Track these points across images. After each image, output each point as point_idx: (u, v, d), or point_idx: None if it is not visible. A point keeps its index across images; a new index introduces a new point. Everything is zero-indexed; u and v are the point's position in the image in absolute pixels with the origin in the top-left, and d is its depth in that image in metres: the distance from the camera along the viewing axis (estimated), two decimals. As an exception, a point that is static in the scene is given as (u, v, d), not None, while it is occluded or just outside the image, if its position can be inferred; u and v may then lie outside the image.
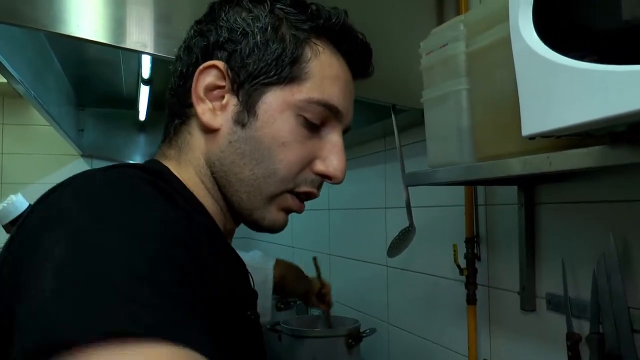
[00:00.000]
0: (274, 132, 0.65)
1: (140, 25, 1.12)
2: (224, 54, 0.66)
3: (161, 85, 2.74)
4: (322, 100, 0.66)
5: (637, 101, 0.50)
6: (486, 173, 0.88)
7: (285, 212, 0.71)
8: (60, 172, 4.22)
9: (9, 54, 1.40)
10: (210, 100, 0.67)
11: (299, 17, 0.66)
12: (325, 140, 0.69)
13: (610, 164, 0.65)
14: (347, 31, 0.70)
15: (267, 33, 0.65)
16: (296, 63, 0.65)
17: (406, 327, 1.76)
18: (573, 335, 1.05)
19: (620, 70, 0.52)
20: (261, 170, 0.65)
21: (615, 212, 1.01)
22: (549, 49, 0.61)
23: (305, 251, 2.77)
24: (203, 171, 0.68)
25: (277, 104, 0.65)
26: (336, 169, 0.69)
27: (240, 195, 0.67)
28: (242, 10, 0.67)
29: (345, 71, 0.70)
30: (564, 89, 0.59)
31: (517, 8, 0.64)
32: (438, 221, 1.56)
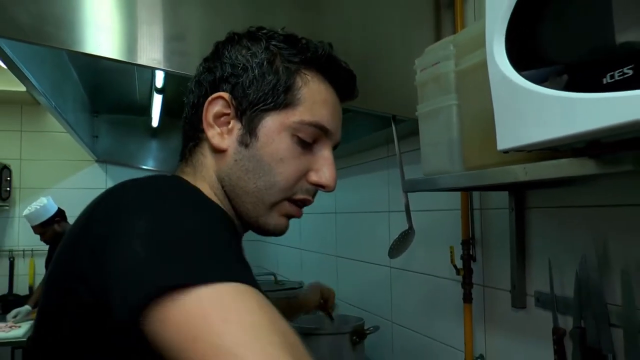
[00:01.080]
0: (273, 150, 0.76)
1: (153, 43, 1.21)
2: (228, 86, 0.77)
3: (173, 94, 2.83)
4: (313, 122, 0.77)
5: (590, 123, 0.59)
6: (472, 181, 0.98)
7: (286, 217, 0.81)
8: (76, 177, 4.35)
9: (31, 67, 1.49)
10: (218, 125, 0.77)
11: (290, 52, 0.77)
12: (318, 155, 0.80)
13: (575, 175, 0.73)
14: (331, 61, 0.80)
15: (264, 67, 0.76)
16: (289, 91, 0.76)
17: (408, 324, 1.85)
18: (558, 330, 1.14)
19: (573, 97, 0.60)
20: (263, 183, 0.76)
21: (596, 216, 1.10)
22: (518, 75, 0.70)
23: (312, 253, 2.86)
24: (215, 185, 0.79)
25: (275, 127, 0.76)
26: (328, 179, 0.79)
27: (247, 205, 0.78)
28: (242, 48, 0.78)
29: (333, 95, 0.80)
30: (530, 111, 0.68)
31: (492, 37, 0.73)
32: (436, 224, 1.65)
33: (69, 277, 0.62)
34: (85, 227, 0.64)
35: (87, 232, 0.63)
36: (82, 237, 0.64)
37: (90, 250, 0.60)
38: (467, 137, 1.02)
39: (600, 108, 0.57)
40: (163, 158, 4.26)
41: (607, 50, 0.57)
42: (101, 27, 1.16)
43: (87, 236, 0.63)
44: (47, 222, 3.47)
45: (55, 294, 0.66)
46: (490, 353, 1.42)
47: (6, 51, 1.21)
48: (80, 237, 0.64)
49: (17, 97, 4.03)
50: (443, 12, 1.55)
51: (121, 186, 0.68)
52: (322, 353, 1.71)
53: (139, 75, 2.91)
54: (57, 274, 0.66)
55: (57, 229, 3.50)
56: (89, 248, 0.61)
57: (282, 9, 1.35)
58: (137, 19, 1.20)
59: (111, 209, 0.64)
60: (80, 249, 0.62)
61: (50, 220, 3.47)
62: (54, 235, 3.50)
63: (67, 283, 0.62)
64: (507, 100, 0.72)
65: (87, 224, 0.65)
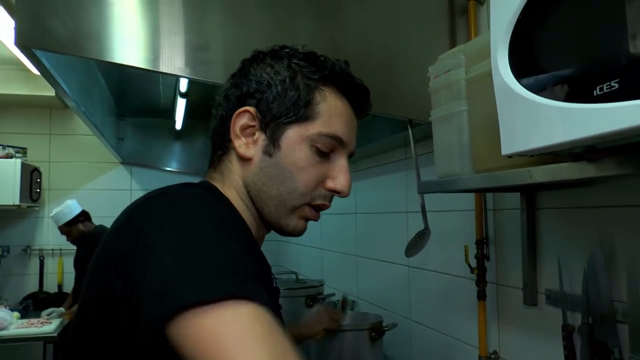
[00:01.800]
0: (294, 159, 0.83)
1: (177, 52, 1.28)
2: (254, 101, 0.84)
3: (197, 98, 2.91)
4: (330, 134, 0.84)
5: (582, 131, 0.64)
6: (482, 183, 1.03)
7: (305, 220, 0.88)
8: (102, 178, 4.46)
9: (63, 74, 1.56)
10: (244, 136, 0.85)
11: (310, 69, 0.84)
12: (334, 164, 0.87)
13: (574, 178, 0.79)
14: (347, 78, 0.87)
15: (286, 84, 0.83)
16: (309, 105, 0.83)
17: (425, 321, 1.90)
18: (567, 326, 1.18)
19: (567, 107, 0.66)
20: (284, 188, 0.83)
21: (603, 217, 1.14)
22: (519, 84, 0.75)
23: (333, 253, 2.92)
24: (242, 190, 0.86)
25: (296, 138, 0.83)
26: (343, 185, 0.86)
27: (270, 208, 0.85)
28: (267, 66, 0.85)
29: (348, 109, 0.87)
30: (530, 119, 0.73)
31: (496, 48, 0.79)
32: (451, 224, 1.70)
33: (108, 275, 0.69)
34: (120, 233, 0.72)
35: (118, 240, 0.71)
36: (114, 244, 0.71)
37: (122, 259, 0.67)
38: (476, 142, 1.07)
39: (592, 118, 0.62)
40: (186, 160, 4.35)
41: (596, 65, 0.62)
42: (128, 38, 1.24)
43: (119, 245, 0.70)
44: (72, 222, 3.59)
45: (94, 291, 0.73)
46: (503, 349, 1.46)
47: (43, 61, 1.29)
48: (114, 243, 0.72)
49: (46, 102, 4.16)
50: (457, 19, 1.59)
51: (155, 197, 0.75)
52: (341, 349, 1.76)
53: (163, 80, 2.99)
54: (97, 272, 0.73)
55: (81, 228, 3.62)
56: (122, 256, 0.68)
57: (304, 20, 1.41)
58: (161, 30, 1.27)
59: (141, 219, 0.71)
60: (113, 255, 0.70)
61: (74, 220, 3.59)
62: (80, 235, 3.63)
63: (105, 281, 0.69)
64: (509, 108, 0.77)
65: (121, 230, 0.72)
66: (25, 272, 4.28)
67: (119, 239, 0.71)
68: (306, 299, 2.24)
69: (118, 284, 0.66)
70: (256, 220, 0.88)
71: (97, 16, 1.20)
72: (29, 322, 3.34)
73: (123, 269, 0.66)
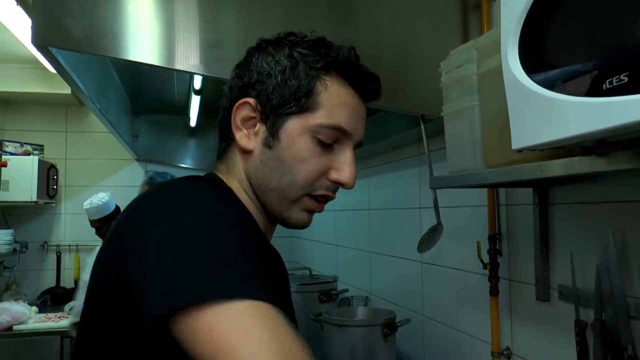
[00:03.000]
0: (294, 151, 0.81)
1: (191, 49, 1.29)
2: (254, 92, 0.83)
3: (211, 95, 2.93)
4: (332, 124, 0.81)
5: (591, 125, 0.64)
6: (493, 178, 1.03)
7: (308, 212, 0.87)
8: (117, 175, 4.50)
9: (79, 72, 1.58)
10: (245, 128, 0.84)
11: (312, 58, 0.82)
12: (338, 155, 0.85)
13: (585, 172, 0.78)
14: (351, 65, 0.84)
15: (286, 73, 0.81)
16: (310, 96, 0.81)
17: (437, 317, 1.90)
18: (580, 322, 1.18)
19: (578, 101, 0.66)
20: (285, 181, 0.82)
21: (616, 211, 1.13)
22: (529, 79, 0.75)
23: (347, 249, 2.93)
24: (245, 182, 0.86)
25: (296, 129, 0.81)
26: (347, 177, 0.84)
27: (272, 200, 0.84)
28: (268, 55, 0.83)
29: (353, 97, 0.85)
30: (540, 113, 0.73)
31: (506, 43, 0.79)
32: (464, 220, 1.70)
33: (110, 271, 0.70)
34: (123, 230, 0.72)
35: (120, 237, 0.71)
36: (117, 240, 0.72)
37: (124, 256, 0.68)
38: (487, 136, 1.07)
39: (602, 111, 0.62)
40: (201, 156, 4.37)
41: (605, 59, 0.62)
42: (142, 36, 1.25)
43: (120, 242, 0.71)
44: (106, 218, 3.57)
45: (97, 286, 0.74)
46: (516, 345, 1.46)
47: (59, 60, 1.31)
48: (116, 240, 0.72)
49: (62, 99, 4.20)
50: (470, 14, 1.59)
51: (156, 194, 0.75)
52: (354, 344, 1.77)
53: (177, 77, 3.01)
54: (100, 268, 0.75)
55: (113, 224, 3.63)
56: (124, 253, 0.68)
57: (317, 17, 1.41)
58: (176, 28, 1.28)
59: (141, 216, 0.71)
60: (116, 252, 0.71)
61: (109, 217, 3.58)
62: None
63: (108, 277, 0.71)
64: (519, 103, 0.77)
65: (124, 227, 0.72)
66: (42, 268, 4.34)
67: (121, 236, 0.71)
68: (319, 295, 2.25)
69: (120, 280, 0.67)
70: (261, 213, 0.87)
71: (112, 14, 1.21)
72: (47, 317, 3.40)
73: (124, 266, 0.67)
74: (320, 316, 1.92)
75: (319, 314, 1.96)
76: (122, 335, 0.69)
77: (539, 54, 0.74)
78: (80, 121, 4.48)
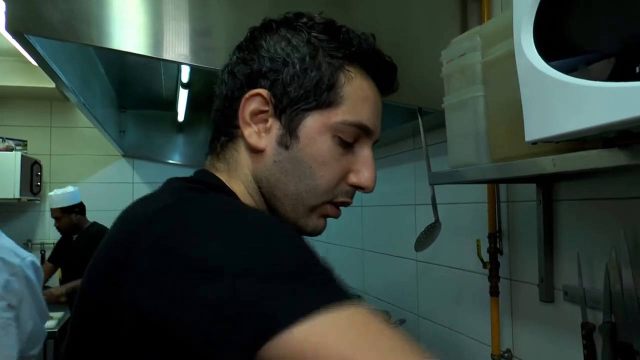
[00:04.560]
0: (314, 152, 0.71)
1: (179, 38, 1.22)
2: (267, 82, 0.72)
3: (199, 88, 2.86)
4: (356, 122, 0.72)
5: (621, 112, 0.58)
6: (499, 173, 0.97)
7: (324, 218, 0.78)
8: (104, 171, 4.42)
9: (61, 64, 1.51)
10: (255, 123, 0.73)
11: (333, 45, 0.72)
12: (358, 155, 0.76)
13: (605, 166, 0.72)
14: (376, 56, 0.75)
15: (306, 62, 0.70)
16: (332, 89, 0.70)
17: (434, 318, 1.84)
18: (587, 324, 1.12)
19: (605, 86, 0.60)
20: (303, 186, 0.72)
21: (627, 208, 1.08)
22: (547, 65, 0.69)
23: (339, 247, 2.87)
24: (251, 186, 0.75)
25: (317, 127, 0.71)
26: (368, 179, 0.76)
27: (286, 207, 0.74)
28: (282, 39, 0.72)
29: (374, 91, 0.76)
30: (560, 101, 0.67)
31: (520, 28, 0.73)
32: (463, 217, 1.64)
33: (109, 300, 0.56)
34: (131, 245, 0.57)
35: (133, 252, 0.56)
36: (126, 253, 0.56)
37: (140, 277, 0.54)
38: (493, 129, 1.01)
39: (633, 97, 0.56)
40: (189, 152, 4.31)
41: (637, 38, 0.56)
42: (128, 23, 1.18)
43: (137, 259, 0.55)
44: (67, 209, 3.55)
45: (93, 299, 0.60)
46: (517, 348, 1.41)
47: (37, 49, 1.23)
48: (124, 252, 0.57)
49: (46, 94, 4.11)
50: (469, 4, 1.53)
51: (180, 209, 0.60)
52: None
53: (165, 70, 2.94)
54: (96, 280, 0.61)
55: (73, 219, 3.57)
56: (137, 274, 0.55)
57: (310, 4, 1.34)
58: (163, 15, 1.22)
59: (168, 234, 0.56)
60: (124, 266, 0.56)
61: (69, 209, 3.55)
62: (69, 225, 3.58)
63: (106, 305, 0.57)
64: (535, 91, 0.71)
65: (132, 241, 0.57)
66: (26, 266, 4.24)
67: (138, 253, 0.56)
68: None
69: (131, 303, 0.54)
70: None
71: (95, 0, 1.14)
72: (30, 317, 3.30)
73: (141, 289, 0.53)
74: (313, 317, 1.86)
75: (312, 314, 1.89)
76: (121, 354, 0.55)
77: (558, 36, 0.68)
78: (65, 116, 4.39)
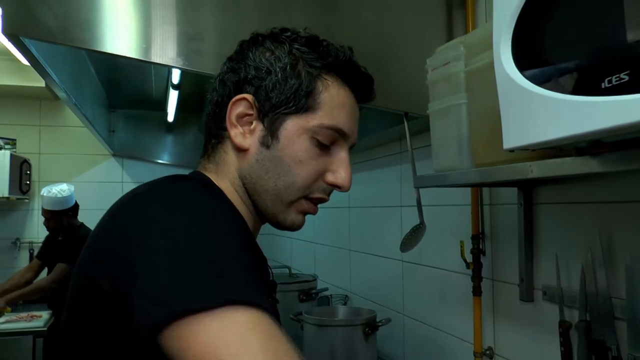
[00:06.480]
0: (293, 152, 0.79)
1: (169, 42, 1.25)
2: (252, 88, 0.79)
3: (189, 90, 2.89)
4: (332, 126, 0.80)
5: (589, 125, 0.63)
6: (481, 178, 1.01)
7: (303, 214, 0.85)
8: (93, 170, 4.43)
9: (52, 64, 1.53)
10: (241, 125, 0.81)
11: (312, 56, 0.79)
12: (335, 157, 0.83)
13: (579, 173, 0.77)
14: (351, 66, 0.83)
15: (287, 71, 0.78)
16: (310, 95, 0.78)
17: (419, 317, 1.89)
18: (564, 323, 1.17)
19: (573, 99, 0.64)
20: (282, 182, 0.79)
21: (602, 212, 1.12)
22: (523, 77, 0.73)
23: (326, 247, 2.90)
24: (237, 182, 0.82)
25: (295, 130, 0.79)
26: (343, 179, 0.83)
27: (266, 202, 0.81)
28: (266, 50, 0.80)
29: (351, 98, 0.83)
30: (534, 112, 0.71)
31: (499, 40, 0.77)
32: (447, 219, 1.68)
33: (95, 277, 0.66)
34: (111, 233, 0.68)
35: (105, 241, 0.67)
36: (101, 245, 0.68)
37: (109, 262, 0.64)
38: (476, 135, 1.06)
39: (600, 111, 0.60)
40: (178, 152, 4.33)
41: (605, 56, 0.60)
42: (119, 27, 1.21)
43: (106, 246, 0.67)
44: (59, 213, 3.44)
45: (81, 292, 0.70)
46: (498, 345, 1.45)
47: (31, 50, 1.26)
48: (101, 244, 0.68)
49: (35, 93, 4.11)
50: (455, 12, 1.57)
51: (142, 195, 0.71)
52: (334, 344, 1.75)
53: (155, 71, 2.96)
54: (83, 274, 0.70)
55: (63, 222, 3.47)
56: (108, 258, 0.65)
57: (298, 9, 1.38)
58: (153, 19, 1.24)
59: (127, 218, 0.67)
60: (100, 256, 0.67)
61: (62, 212, 3.45)
62: (58, 226, 3.48)
63: (92, 283, 0.66)
64: (512, 100, 0.75)
65: (113, 230, 0.68)
66: (14, 265, 4.22)
67: (107, 240, 0.68)
68: (299, 294, 2.22)
69: (106, 286, 0.63)
70: (252, 213, 0.84)
71: (87, 4, 1.17)
72: (19, 317, 3.30)
73: (110, 272, 0.63)
74: (300, 315, 1.90)
75: (299, 313, 1.93)
76: (115, 347, 0.65)
77: (534, 50, 0.72)
78: (55, 115, 4.39)
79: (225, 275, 0.59)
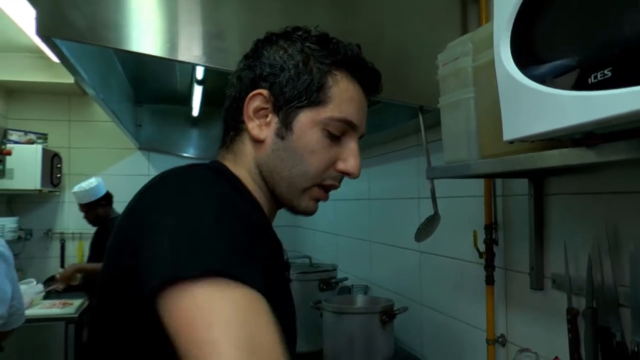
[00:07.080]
0: (306, 142, 0.85)
1: (193, 41, 1.31)
2: (267, 84, 0.86)
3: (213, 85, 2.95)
4: (341, 118, 0.85)
5: (578, 117, 0.67)
6: (486, 168, 1.06)
7: (315, 200, 0.91)
8: (120, 164, 4.54)
9: (82, 62, 1.60)
10: (257, 118, 0.87)
11: (322, 53, 0.85)
12: (345, 147, 0.89)
13: (576, 163, 0.81)
14: (359, 62, 0.88)
15: (299, 67, 0.84)
16: (321, 90, 0.84)
17: (435, 306, 1.93)
18: (572, 310, 1.20)
19: (565, 94, 0.68)
20: (296, 171, 0.86)
21: (608, 202, 1.16)
22: (521, 73, 0.77)
23: (347, 238, 2.96)
24: (254, 171, 0.88)
25: (308, 122, 0.85)
26: (353, 166, 0.88)
27: (282, 188, 0.88)
28: (280, 49, 0.86)
29: (359, 92, 0.89)
30: (530, 106, 0.75)
31: (499, 37, 0.81)
32: (461, 210, 1.72)
33: (121, 258, 0.73)
34: (130, 216, 0.76)
35: (128, 227, 0.74)
36: (126, 223, 0.75)
37: (130, 245, 0.70)
38: (482, 128, 1.10)
39: (587, 105, 0.64)
40: (203, 146, 4.40)
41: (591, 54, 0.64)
42: (146, 27, 1.28)
43: (129, 231, 0.74)
44: (92, 204, 3.54)
45: (111, 276, 0.77)
46: (510, 332, 1.49)
47: (62, 49, 1.33)
48: (126, 223, 0.75)
49: (65, 89, 4.23)
50: (469, 8, 1.60)
51: (158, 180, 0.78)
52: (352, 332, 1.80)
53: (180, 67, 3.03)
54: (112, 259, 0.77)
55: (100, 212, 3.56)
56: (130, 242, 0.71)
57: (317, 9, 1.43)
58: (178, 19, 1.30)
59: (146, 205, 0.74)
60: (125, 241, 0.74)
61: (95, 203, 3.54)
62: (97, 217, 3.58)
63: (120, 266, 0.73)
64: (511, 95, 0.80)
65: (131, 213, 0.76)
66: (47, 255, 4.39)
67: (129, 224, 0.74)
68: (319, 283, 2.28)
69: (130, 265, 0.69)
70: (268, 199, 0.90)
71: (115, 6, 1.24)
72: (52, 303, 3.44)
73: (133, 252, 0.69)
74: (320, 303, 1.95)
75: (318, 301, 1.99)
76: (130, 316, 0.71)
77: (530, 48, 0.76)
78: (83, 110, 4.51)
79: (216, 249, 0.64)
